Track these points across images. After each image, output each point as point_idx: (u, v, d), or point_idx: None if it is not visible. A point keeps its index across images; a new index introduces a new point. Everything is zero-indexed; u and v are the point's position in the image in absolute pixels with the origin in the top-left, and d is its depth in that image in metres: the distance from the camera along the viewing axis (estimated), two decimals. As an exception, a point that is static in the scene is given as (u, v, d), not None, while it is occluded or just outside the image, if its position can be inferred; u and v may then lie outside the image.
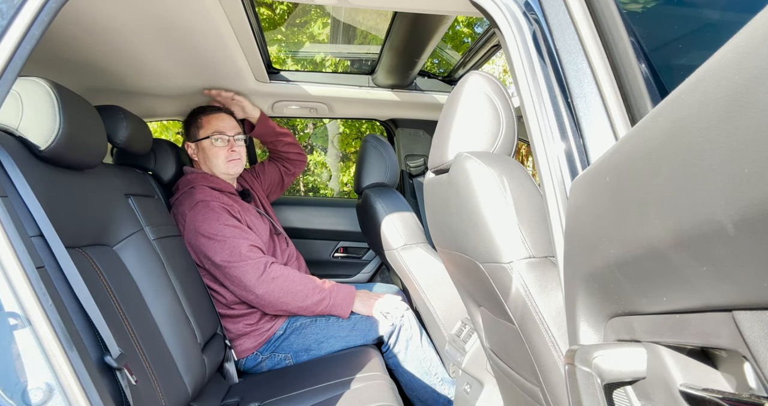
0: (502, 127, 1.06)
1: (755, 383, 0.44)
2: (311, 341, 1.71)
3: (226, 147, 1.86)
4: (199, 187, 1.79)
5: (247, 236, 1.69)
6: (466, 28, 4.25)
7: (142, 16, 1.33)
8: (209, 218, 1.67)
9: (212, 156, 1.86)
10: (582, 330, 0.67)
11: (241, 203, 1.86)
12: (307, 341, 1.71)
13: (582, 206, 0.65)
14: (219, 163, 1.86)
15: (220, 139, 1.85)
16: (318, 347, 1.71)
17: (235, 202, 1.82)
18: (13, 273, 0.75)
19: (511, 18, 0.96)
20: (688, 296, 0.44)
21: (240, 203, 1.85)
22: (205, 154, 1.87)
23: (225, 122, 1.91)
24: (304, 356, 1.70)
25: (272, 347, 1.71)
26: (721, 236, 0.37)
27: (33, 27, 0.81)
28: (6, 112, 1.00)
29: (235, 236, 1.65)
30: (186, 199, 1.75)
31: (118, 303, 1.14)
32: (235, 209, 1.76)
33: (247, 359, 1.72)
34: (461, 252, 1.11)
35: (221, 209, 1.70)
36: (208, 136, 1.85)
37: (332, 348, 1.71)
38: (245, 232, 1.70)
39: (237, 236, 1.65)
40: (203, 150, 1.88)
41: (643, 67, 0.76)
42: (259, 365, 1.72)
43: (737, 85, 0.35)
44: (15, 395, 0.75)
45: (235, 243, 1.63)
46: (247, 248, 1.64)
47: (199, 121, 1.90)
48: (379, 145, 2.01)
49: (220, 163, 1.85)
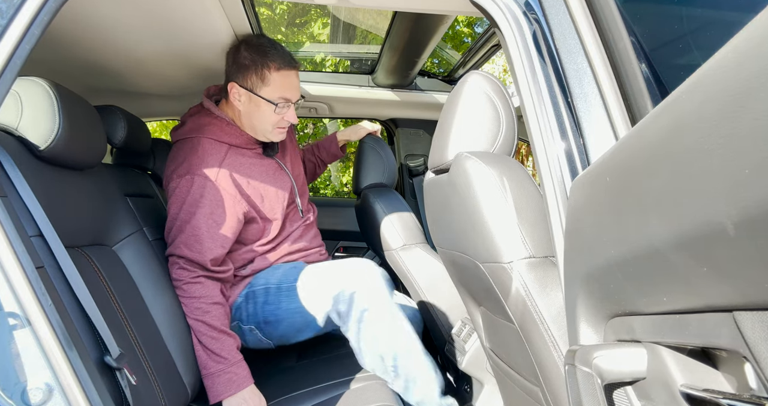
0: (502, 127, 1.06)
1: (756, 384, 0.44)
2: (268, 312, 1.51)
3: (285, 115, 1.53)
4: (206, 141, 1.46)
5: (223, 242, 1.42)
6: (466, 28, 4.25)
7: (142, 15, 1.33)
8: (195, 201, 1.39)
9: (264, 116, 1.50)
10: (582, 330, 0.67)
11: (257, 162, 1.56)
12: (263, 312, 1.51)
13: (582, 206, 0.65)
14: (266, 127, 1.52)
15: (285, 106, 1.51)
16: (276, 319, 1.50)
17: (250, 162, 1.53)
18: (12, 273, 0.75)
19: (512, 18, 0.96)
20: (689, 296, 0.44)
21: (256, 163, 1.55)
22: (255, 110, 1.50)
23: (295, 84, 1.53)
24: (266, 327, 1.52)
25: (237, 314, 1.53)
26: (722, 236, 0.37)
27: (32, 27, 0.81)
28: (5, 112, 1.00)
29: (211, 238, 1.39)
30: (179, 157, 1.46)
31: (118, 303, 1.14)
32: (244, 186, 1.47)
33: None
34: (461, 252, 1.11)
35: (220, 194, 1.41)
36: (273, 101, 1.48)
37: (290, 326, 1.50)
38: (225, 234, 1.42)
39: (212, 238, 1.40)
40: (256, 105, 1.50)
41: (644, 67, 0.76)
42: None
43: (737, 85, 0.35)
44: (15, 395, 0.75)
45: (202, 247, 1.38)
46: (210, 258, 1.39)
47: (265, 73, 1.47)
48: (377, 146, 2.01)
49: (269, 126, 1.52)
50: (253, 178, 1.52)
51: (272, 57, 1.47)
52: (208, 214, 1.41)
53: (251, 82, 1.49)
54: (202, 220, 1.40)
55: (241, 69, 1.49)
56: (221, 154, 1.46)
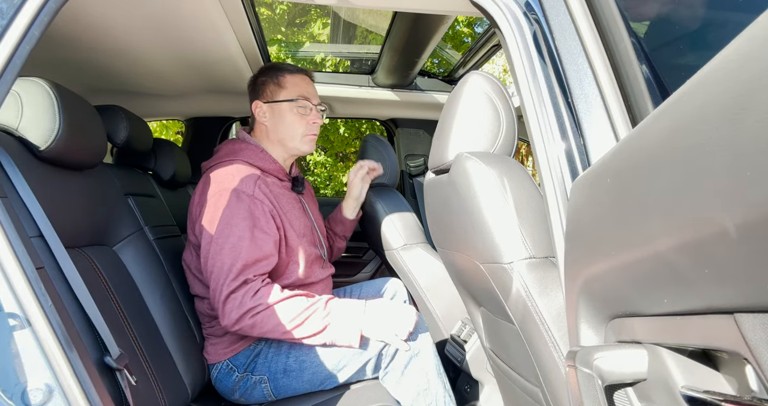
0: (502, 127, 1.06)
1: (757, 386, 0.44)
2: (291, 359, 1.36)
3: (310, 117, 1.53)
4: (241, 163, 1.45)
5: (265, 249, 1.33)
6: (466, 28, 4.25)
7: (142, 16, 1.33)
8: (233, 213, 1.32)
9: (289, 125, 1.51)
10: (583, 331, 0.67)
11: (287, 192, 1.53)
12: (286, 360, 1.37)
13: (582, 206, 0.65)
14: (295, 135, 1.52)
15: (305, 107, 1.52)
16: (299, 368, 1.35)
17: (280, 190, 1.49)
18: (12, 274, 0.75)
19: (512, 18, 0.96)
20: (690, 298, 0.44)
21: (285, 193, 1.52)
22: (281, 121, 1.52)
23: (311, 87, 1.57)
24: (282, 379, 1.36)
25: (248, 365, 1.40)
26: (723, 238, 0.36)
27: (33, 27, 0.81)
28: (6, 112, 1.00)
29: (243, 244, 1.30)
30: (210, 179, 1.41)
31: (118, 303, 1.14)
32: (276, 208, 1.42)
33: (220, 371, 1.42)
34: (461, 252, 1.11)
35: (256, 209, 1.35)
36: (292, 99, 1.51)
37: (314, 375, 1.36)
38: (265, 243, 1.34)
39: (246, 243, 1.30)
40: (279, 115, 1.52)
41: (644, 68, 0.76)
42: (232, 388, 1.40)
43: (739, 87, 0.35)
44: (15, 395, 0.75)
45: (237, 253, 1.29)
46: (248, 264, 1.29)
47: (281, 79, 1.53)
48: (379, 145, 2.01)
49: (298, 135, 1.52)
50: (283, 204, 1.48)
51: (284, 67, 1.57)
52: (251, 226, 1.33)
53: (270, 92, 1.54)
54: (246, 231, 1.32)
55: (259, 87, 1.56)
56: (255, 174, 1.42)
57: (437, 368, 1.36)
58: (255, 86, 1.57)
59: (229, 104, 2.33)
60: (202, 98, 2.23)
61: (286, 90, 1.52)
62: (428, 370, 1.34)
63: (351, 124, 4.89)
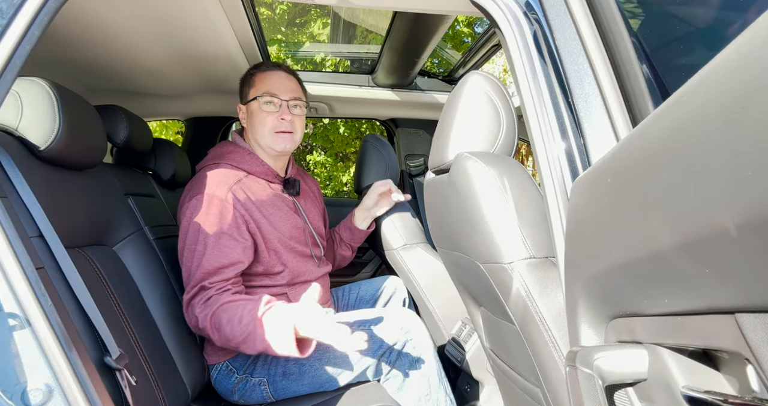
0: (502, 127, 1.06)
1: (757, 386, 0.44)
2: (291, 362, 1.36)
3: (277, 113, 1.48)
4: (224, 166, 1.44)
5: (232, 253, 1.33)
6: (466, 27, 4.25)
7: (142, 15, 1.33)
8: (203, 219, 1.33)
9: (257, 123, 1.48)
10: (583, 331, 0.67)
11: (272, 193, 1.50)
12: (286, 363, 1.36)
13: (583, 206, 0.65)
14: (264, 133, 1.48)
15: (270, 103, 1.48)
16: (299, 371, 1.35)
17: (264, 191, 1.47)
18: (12, 274, 0.75)
19: (512, 18, 0.96)
20: (690, 298, 0.44)
21: (270, 194, 1.49)
22: (251, 122, 1.51)
23: (281, 82, 1.51)
24: (282, 381, 1.36)
25: (247, 367, 1.40)
26: (724, 238, 0.36)
27: (32, 27, 0.81)
28: (5, 112, 1.00)
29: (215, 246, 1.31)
30: (193, 182, 1.42)
31: (118, 303, 1.14)
32: (251, 213, 1.41)
33: (219, 372, 1.42)
34: (461, 252, 1.11)
35: (228, 214, 1.35)
36: (258, 96, 1.48)
37: (314, 379, 1.36)
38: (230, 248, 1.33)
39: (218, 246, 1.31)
40: (251, 114, 1.51)
41: (645, 67, 0.76)
42: (231, 389, 1.40)
43: (740, 87, 0.35)
44: (15, 396, 0.75)
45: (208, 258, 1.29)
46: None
47: (251, 79, 1.53)
48: (379, 145, 2.01)
49: (266, 132, 1.47)
50: (265, 204, 1.46)
51: (259, 66, 1.56)
52: (218, 232, 1.33)
53: (245, 93, 1.55)
54: (212, 238, 1.32)
55: (240, 90, 1.58)
56: (236, 177, 1.42)
57: (438, 373, 1.35)
58: (240, 90, 1.59)
59: (228, 104, 2.33)
60: (202, 98, 2.23)
61: (254, 88, 1.51)
62: (430, 375, 1.34)
63: (351, 124, 4.89)
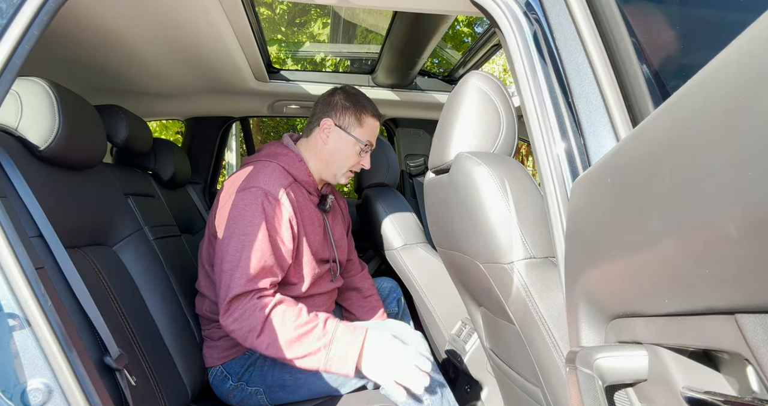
0: (502, 127, 1.06)
1: (758, 386, 0.44)
2: (287, 375, 1.35)
3: (362, 159, 1.57)
4: (277, 166, 1.44)
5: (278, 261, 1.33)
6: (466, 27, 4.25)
7: (142, 15, 1.33)
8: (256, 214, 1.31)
9: (345, 157, 1.53)
10: (583, 331, 0.67)
11: (312, 206, 1.53)
12: (282, 375, 1.36)
13: (583, 206, 0.65)
14: (342, 167, 1.54)
15: (366, 152, 1.57)
16: (295, 384, 1.34)
17: (306, 205, 1.49)
18: (12, 274, 0.75)
19: (512, 18, 0.96)
20: (691, 298, 0.44)
21: (310, 207, 1.52)
22: (340, 149, 1.53)
23: (377, 134, 1.63)
24: (278, 392, 1.36)
25: (242, 374, 1.40)
26: (724, 238, 0.36)
27: (32, 27, 0.80)
28: (5, 112, 0.99)
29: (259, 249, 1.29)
30: (244, 174, 1.41)
31: (118, 303, 1.14)
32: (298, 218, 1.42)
33: (215, 377, 1.42)
34: (461, 252, 1.10)
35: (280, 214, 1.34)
36: (363, 141, 1.55)
37: (311, 392, 1.35)
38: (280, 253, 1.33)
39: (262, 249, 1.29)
40: (343, 144, 1.53)
41: (645, 67, 0.76)
42: (227, 395, 1.41)
43: (740, 86, 0.35)
44: (14, 396, 0.74)
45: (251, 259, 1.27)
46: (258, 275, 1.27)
47: (363, 117, 1.56)
48: (380, 145, 2.01)
49: (344, 166, 1.54)
50: (304, 214, 1.47)
51: (368, 105, 1.59)
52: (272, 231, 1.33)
53: (347, 121, 1.55)
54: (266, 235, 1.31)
55: (338, 109, 1.56)
56: (288, 180, 1.44)
57: (440, 383, 1.31)
58: (332, 104, 1.57)
59: (228, 104, 2.33)
60: (202, 98, 2.23)
61: (362, 129, 1.55)
62: (430, 385, 1.26)
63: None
